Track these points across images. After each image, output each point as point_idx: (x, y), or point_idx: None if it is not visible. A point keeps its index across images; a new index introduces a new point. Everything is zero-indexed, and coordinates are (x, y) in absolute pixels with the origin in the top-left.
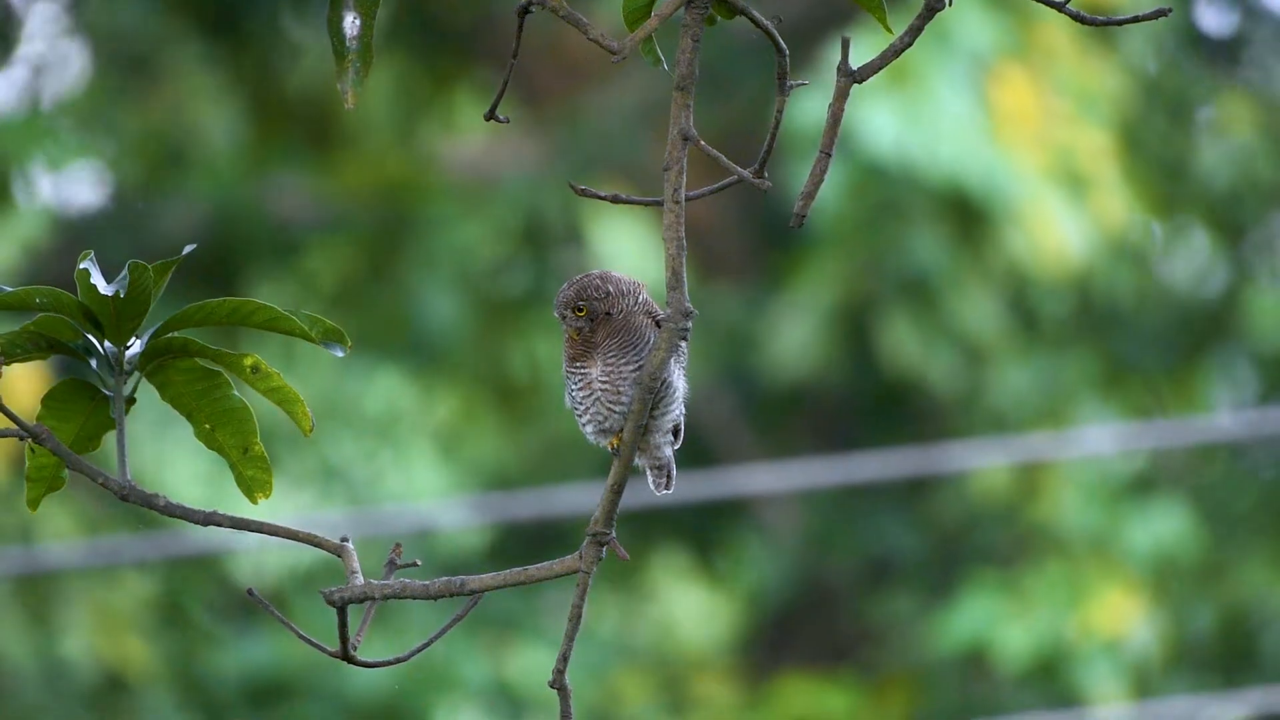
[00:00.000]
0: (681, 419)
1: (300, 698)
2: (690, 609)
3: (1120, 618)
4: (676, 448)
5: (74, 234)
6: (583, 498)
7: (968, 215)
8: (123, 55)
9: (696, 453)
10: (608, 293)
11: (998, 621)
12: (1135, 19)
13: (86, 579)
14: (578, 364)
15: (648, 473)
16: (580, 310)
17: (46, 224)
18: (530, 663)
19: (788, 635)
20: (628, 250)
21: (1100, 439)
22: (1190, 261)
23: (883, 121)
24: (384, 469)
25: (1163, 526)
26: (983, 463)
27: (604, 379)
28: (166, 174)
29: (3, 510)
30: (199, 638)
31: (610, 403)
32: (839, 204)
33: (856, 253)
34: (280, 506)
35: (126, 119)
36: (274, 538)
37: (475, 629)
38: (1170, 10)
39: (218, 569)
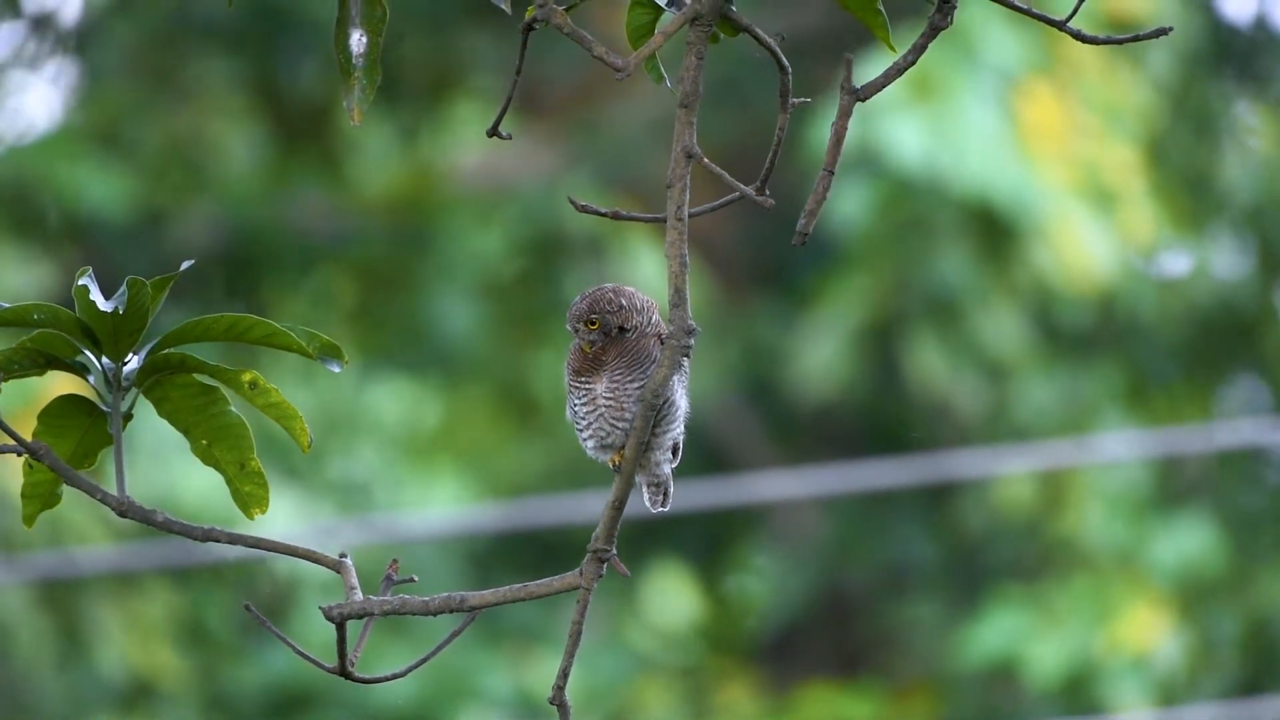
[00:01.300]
0: (681, 437)
1: (321, 708)
2: (710, 617)
3: (1148, 633)
4: (675, 465)
5: (94, 249)
6: (598, 506)
7: (995, 231)
8: (143, 72)
9: (717, 463)
10: (620, 306)
11: (1027, 637)
12: (1135, 38)
13: (115, 586)
14: (582, 378)
15: (644, 489)
16: (593, 323)
17: (67, 240)
18: (551, 674)
19: (807, 643)
20: (648, 263)
21: (1119, 448)
22: (1214, 276)
23: (910, 136)
24: (401, 480)
25: (1187, 541)
26: (1000, 470)
27: (609, 395)
28: (187, 189)
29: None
30: (221, 648)
31: (614, 419)
32: (868, 221)
33: (884, 271)
34: (298, 519)
35: (149, 134)
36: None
37: (497, 641)
38: (1171, 29)
39: (241, 579)
